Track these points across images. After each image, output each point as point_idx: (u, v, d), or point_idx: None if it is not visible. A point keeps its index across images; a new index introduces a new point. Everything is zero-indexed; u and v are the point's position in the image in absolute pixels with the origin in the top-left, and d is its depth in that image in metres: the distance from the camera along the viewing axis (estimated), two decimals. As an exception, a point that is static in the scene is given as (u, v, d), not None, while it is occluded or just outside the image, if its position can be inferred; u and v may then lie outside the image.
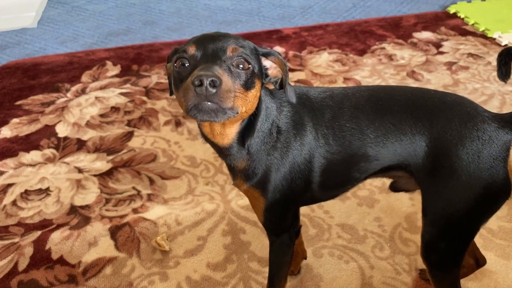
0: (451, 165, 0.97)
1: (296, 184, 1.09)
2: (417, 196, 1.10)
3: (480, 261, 1.31)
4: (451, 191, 0.99)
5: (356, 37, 2.80)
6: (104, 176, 1.83)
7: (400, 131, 1.02)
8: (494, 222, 1.58)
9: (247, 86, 0.92)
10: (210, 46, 0.91)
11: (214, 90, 0.83)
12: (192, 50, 0.91)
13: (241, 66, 0.91)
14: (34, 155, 1.95)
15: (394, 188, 1.22)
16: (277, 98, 1.10)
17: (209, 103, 0.84)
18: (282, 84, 1.03)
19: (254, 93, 0.94)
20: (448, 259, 1.08)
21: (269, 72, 1.02)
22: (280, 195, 1.09)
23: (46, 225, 1.62)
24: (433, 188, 1.02)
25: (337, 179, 1.13)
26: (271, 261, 1.22)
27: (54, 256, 1.51)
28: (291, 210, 1.14)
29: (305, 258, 1.45)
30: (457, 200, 0.99)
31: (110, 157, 1.92)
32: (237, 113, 0.90)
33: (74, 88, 2.39)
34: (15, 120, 2.16)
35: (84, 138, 2.04)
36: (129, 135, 2.05)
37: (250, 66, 0.92)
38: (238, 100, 0.89)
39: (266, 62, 1.02)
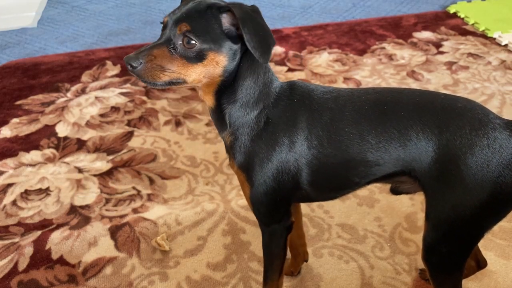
0: (459, 173, 0.96)
1: (283, 180, 1.08)
2: (417, 196, 1.10)
3: (481, 263, 1.31)
4: (457, 197, 0.98)
5: (356, 37, 2.80)
6: (104, 176, 1.83)
7: (405, 136, 1.00)
8: (494, 222, 1.57)
9: (195, 60, 1.01)
10: (172, 21, 1.04)
11: (134, 70, 1.01)
12: (164, 20, 1.06)
13: (192, 42, 1.00)
14: (34, 155, 1.95)
15: (395, 191, 1.20)
16: (280, 92, 1.10)
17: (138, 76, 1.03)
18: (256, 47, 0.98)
19: (206, 63, 1.01)
20: (450, 262, 1.07)
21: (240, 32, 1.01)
22: (266, 188, 1.09)
23: (46, 225, 1.62)
24: (439, 194, 1.00)
25: (333, 182, 1.12)
26: (264, 254, 1.22)
27: (54, 256, 1.51)
28: (280, 204, 1.14)
29: (306, 261, 1.44)
30: (463, 207, 0.98)
31: (110, 157, 1.92)
32: (183, 82, 1.04)
33: (74, 88, 2.39)
34: (15, 120, 2.16)
35: (84, 138, 2.04)
36: (129, 135, 2.05)
37: (196, 43, 1.00)
38: (176, 73, 1.03)
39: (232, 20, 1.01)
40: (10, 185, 1.80)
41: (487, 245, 1.49)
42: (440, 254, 1.05)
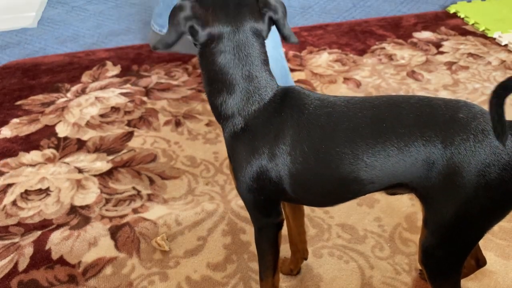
0: (463, 182, 0.95)
1: (265, 184, 1.07)
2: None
3: (480, 262, 1.31)
4: (459, 206, 0.97)
5: (356, 37, 2.80)
6: (104, 176, 1.83)
7: (405, 154, 0.97)
8: (494, 222, 1.57)
9: None
10: None
11: None
12: None
13: None
14: (34, 155, 1.95)
15: (389, 193, 1.19)
16: (269, 103, 1.07)
17: None
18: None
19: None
20: (448, 265, 1.06)
21: None
22: (247, 187, 1.09)
23: (46, 225, 1.62)
24: (440, 203, 0.99)
25: (322, 196, 1.11)
26: (256, 249, 1.23)
27: (54, 256, 1.52)
28: (265, 202, 1.13)
29: (305, 259, 1.45)
30: (465, 213, 0.98)
31: (110, 157, 1.92)
32: None
33: (74, 88, 2.39)
34: (15, 120, 2.16)
35: (84, 138, 2.04)
36: (129, 135, 2.05)
37: None
38: None
39: None
40: (10, 185, 1.80)
41: (487, 245, 1.49)
42: (438, 257, 1.05)
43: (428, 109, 0.99)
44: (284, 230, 1.24)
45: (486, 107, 1.03)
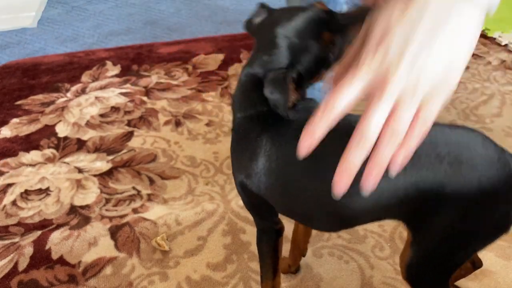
0: (455, 210, 0.88)
1: (252, 198, 1.03)
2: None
3: (476, 264, 1.29)
4: (449, 231, 0.91)
5: (356, 37, 2.80)
6: (104, 176, 1.83)
7: (404, 189, 0.87)
8: (494, 222, 1.57)
9: None
10: None
11: None
12: None
13: None
14: (34, 155, 1.95)
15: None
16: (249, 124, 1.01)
17: None
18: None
19: None
20: (434, 282, 1.00)
21: None
22: (240, 191, 1.06)
23: (46, 225, 1.62)
24: (429, 230, 0.93)
25: (309, 221, 1.08)
26: (257, 249, 1.21)
27: (54, 256, 1.52)
28: (260, 208, 1.09)
29: (304, 256, 1.44)
30: (455, 238, 0.93)
31: (110, 157, 1.92)
32: None
33: (74, 88, 2.39)
34: (15, 120, 2.16)
35: (84, 138, 2.04)
36: (129, 135, 2.05)
37: None
38: None
39: None
40: (10, 185, 1.80)
41: (488, 246, 1.49)
42: (423, 276, 0.99)
43: (433, 140, 0.85)
44: (285, 231, 1.24)
45: (486, 106, 1.02)
